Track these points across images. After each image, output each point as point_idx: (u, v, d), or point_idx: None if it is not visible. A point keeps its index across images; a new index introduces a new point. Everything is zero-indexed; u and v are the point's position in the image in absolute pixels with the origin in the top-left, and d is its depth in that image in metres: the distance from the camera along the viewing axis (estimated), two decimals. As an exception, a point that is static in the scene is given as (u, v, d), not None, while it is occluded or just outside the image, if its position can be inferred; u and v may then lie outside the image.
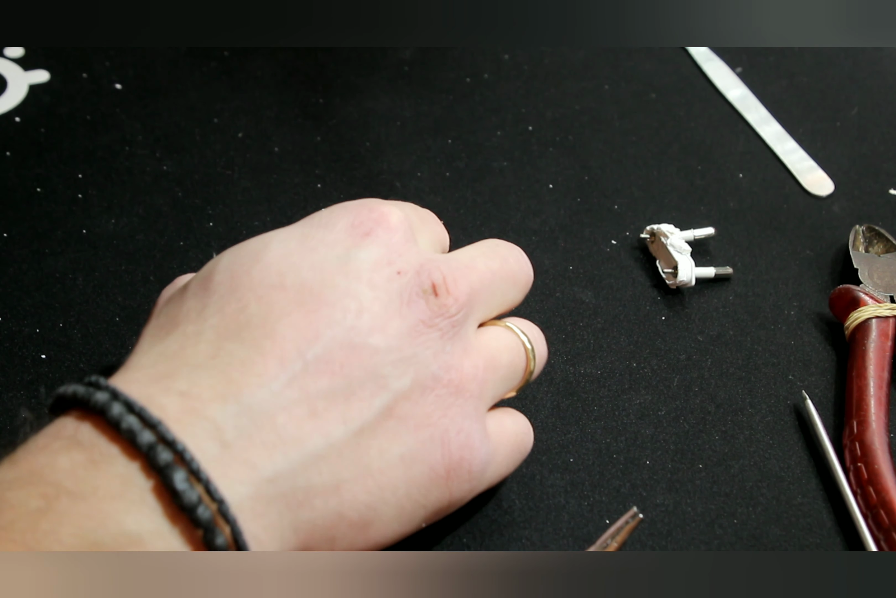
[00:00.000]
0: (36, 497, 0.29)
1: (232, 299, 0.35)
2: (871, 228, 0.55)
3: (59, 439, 0.31)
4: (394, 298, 0.35)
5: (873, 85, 0.66)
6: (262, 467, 0.32)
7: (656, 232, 0.53)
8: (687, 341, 0.50)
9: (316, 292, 0.35)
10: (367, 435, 0.34)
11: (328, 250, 0.36)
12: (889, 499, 0.42)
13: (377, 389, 0.34)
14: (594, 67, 0.64)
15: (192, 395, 0.32)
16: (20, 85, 0.57)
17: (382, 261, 0.36)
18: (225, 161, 0.55)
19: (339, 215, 0.37)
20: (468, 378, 0.36)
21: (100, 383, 0.32)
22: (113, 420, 0.31)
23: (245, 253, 0.36)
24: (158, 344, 0.35)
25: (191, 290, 0.36)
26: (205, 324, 0.34)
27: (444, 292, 0.36)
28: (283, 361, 0.33)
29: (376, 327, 0.35)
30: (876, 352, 0.48)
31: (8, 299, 0.48)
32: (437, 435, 0.35)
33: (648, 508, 0.43)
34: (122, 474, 0.30)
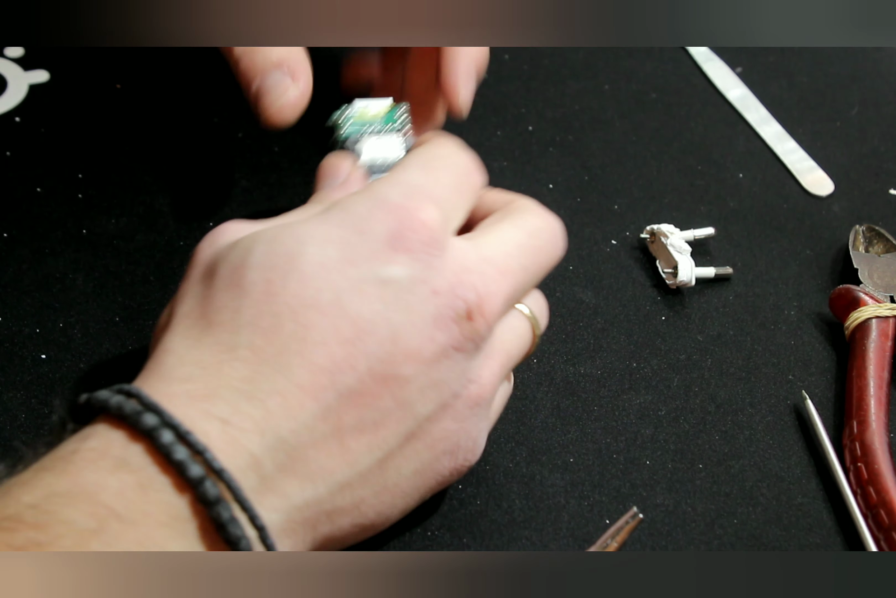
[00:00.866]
0: (87, 516, 0.30)
1: (267, 311, 0.34)
2: (871, 228, 0.55)
3: (108, 457, 0.31)
4: (427, 322, 0.35)
5: (873, 85, 0.66)
6: (294, 496, 0.33)
7: (656, 232, 0.53)
8: (687, 341, 0.50)
9: (353, 320, 0.34)
10: (389, 459, 0.35)
11: (367, 266, 0.35)
12: (889, 499, 0.42)
13: (404, 417, 0.35)
14: (594, 67, 0.64)
15: (233, 424, 0.32)
16: (20, 85, 0.57)
17: (419, 280, 0.35)
18: (225, 161, 0.55)
19: (377, 219, 0.36)
20: (486, 389, 0.37)
21: (142, 397, 0.32)
22: (164, 449, 0.31)
23: (280, 252, 0.35)
24: (194, 349, 0.34)
25: (222, 278, 0.35)
26: (239, 336, 0.34)
27: (478, 316, 0.36)
28: (318, 394, 0.33)
29: (409, 356, 0.35)
30: (876, 352, 0.48)
31: (8, 298, 0.48)
32: (449, 447, 0.37)
33: (648, 508, 0.43)
34: (169, 502, 0.31)
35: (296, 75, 0.44)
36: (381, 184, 0.38)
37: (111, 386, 0.34)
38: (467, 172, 0.40)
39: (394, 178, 0.38)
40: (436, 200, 0.37)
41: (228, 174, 0.55)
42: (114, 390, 0.33)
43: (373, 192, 0.37)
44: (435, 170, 0.39)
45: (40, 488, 0.30)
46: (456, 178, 0.39)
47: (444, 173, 0.39)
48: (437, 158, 0.40)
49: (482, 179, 0.41)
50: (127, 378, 0.46)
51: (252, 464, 0.32)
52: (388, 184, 0.37)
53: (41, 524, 0.29)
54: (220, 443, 0.32)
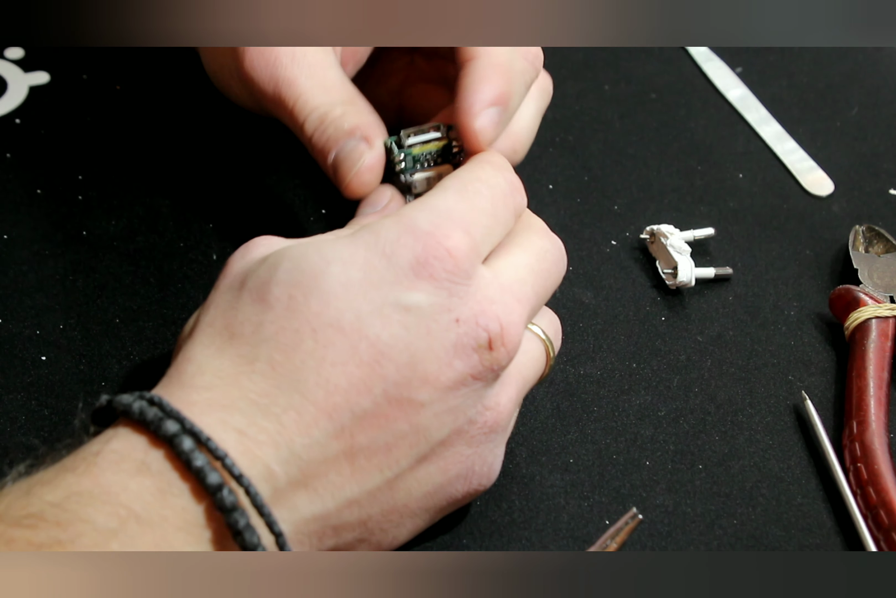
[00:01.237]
0: (107, 516, 0.30)
1: (288, 327, 0.34)
2: (871, 228, 0.55)
3: (129, 460, 0.32)
4: (448, 349, 0.35)
5: (873, 85, 0.66)
6: (303, 509, 0.34)
7: (656, 232, 0.53)
8: (687, 342, 0.50)
9: (373, 343, 0.34)
10: (399, 479, 0.36)
11: (389, 290, 0.35)
12: (889, 499, 0.42)
13: (417, 440, 0.35)
14: (594, 67, 0.64)
15: (249, 435, 0.33)
16: (20, 86, 0.58)
17: (442, 307, 0.35)
18: (225, 162, 0.55)
19: (404, 245, 0.36)
20: (503, 415, 0.38)
21: (163, 404, 0.33)
22: (184, 456, 0.32)
23: (305, 269, 0.35)
24: (214, 359, 0.35)
25: (249, 291, 0.36)
26: (259, 349, 0.34)
27: (500, 346, 0.36)
28: (333, 413, 0.34)
29: (426, 382, 0.35)
30: (876, 352, 0.48)
31: (8, 300, 0.48)
32: (463, 472, 0.38)
33: (648, 508, 0.43)
34: (186, 507, 0.32)
35: (370, 139, 0.43)
36: (413, 208, 0.37)
37: (133, 391, 0.34)
38: (506, 195, 0.39)
39: (426, 202, 0.38)
40: (466, 226, 0.37)
41: (229, 176, 0.55)
42: (136, 396, 0.34)
43: (402, 216, 0.37)
44: (471, 194, 0.38)
45: (62, 488, 0.31)
46: (493, 202, 0.39)
47: (480, 198, 0.38)
48: (475, 181, 0.39)
49: (523, 201, 0.40)
50: (127, 378, 0.46)
51: (266, 475, 0.33)
52: (418, 209, 0.37)
53: (62, 522, 0.30)
54: (236, 453, 0.33)
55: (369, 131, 0.43)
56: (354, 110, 0.43)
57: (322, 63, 0.44)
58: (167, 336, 0.47)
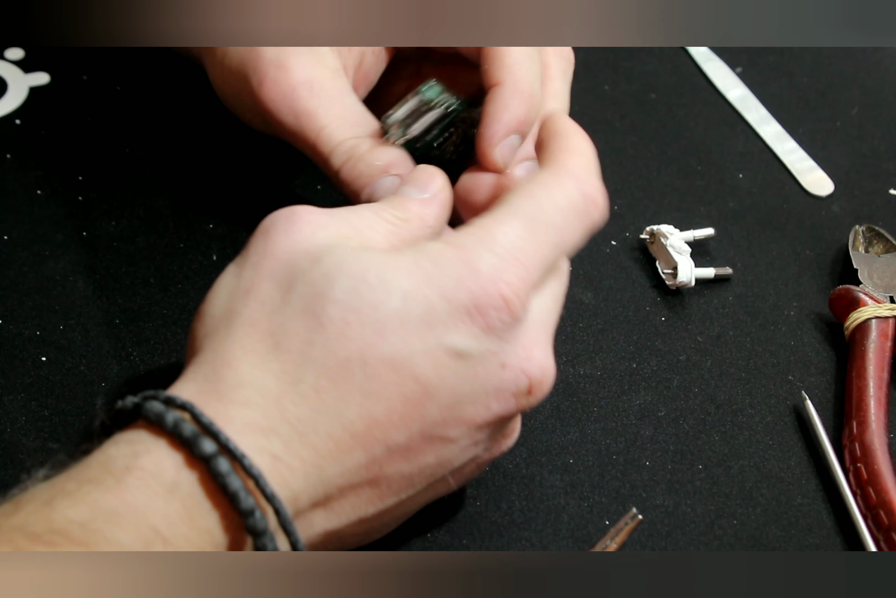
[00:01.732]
0: (133, 538, 0.30)
1: (340, 354, 0.34)
2: (871, 228, 0.55)
3: (159, 479, 0.31)
4: (489, 392, 0.36)
5: (873, 85, 0.66)
6: (317, 526, 0.35)
7: (656, 233, 0.53)
8: (687, 342, 0.50)
9: (421, 383, 0.34)
10: (410, 499, 0.37)
11: (444, 333, 0.34)
12: (889, 499, 0.42)
13: (439, 470, 0.36)
14: (594, 67, 0.64)
15: (283, 461, 0.33)
16: (21, 87, 0.58)
17: (490, 353, 0.35)
18: (225, 163, 0.55)
19: (464, 287, 0.35)
20: (513, 440, 0.39)
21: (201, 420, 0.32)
22: (219, 479, 0.31)
23: (365, 295, 0.34)
24: (256, 371, 0.34)
25: (300, 299, 0.35)
26: (306, 370, 0.34)
27: (538, 391, 0.37)
28: (368, 445, 0.34)
29: (462, 422, 0.35)
30: (876, 352, 0.48)
31: (8, 301, 0.48)
32: (461, 481, 0.39)
33: (648, 509, 0.43)
34: (212, 530, 0.32)
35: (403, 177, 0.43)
36: (476, 242, 0.36)
37: (154, 392, 0.33)
38: (580, 218, 0.38)
39: (491, 236, 0.36)
40: (528, 268, 0.36)
41: (229, 176, 0.55)
42: (163, 401, 0.33)
43: (467, 252, 0.36)
44: (543, 228, 0.37)
45: (86, 504, 0.30)
46: (562, 232, 0.37)
47: (551, 230, 0.37)
48: (549, 210, 0.37)
49: (600, 217, 0.39)
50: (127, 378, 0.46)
51: (291, 499, 0.33)
52: (482, 244, 0.36)
53: (87, 542, 0.29)
54: (268, 477, 0.32)
55: (401, 169, 0.43)
56: (381, 143, 0.43)
57: (341, 93, 0.45)
58: (167, 337, 0.47)
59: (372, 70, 0.48)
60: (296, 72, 0.44)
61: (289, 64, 0.44)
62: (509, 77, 0.43)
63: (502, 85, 0.43)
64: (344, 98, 0.45)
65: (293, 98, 0.44)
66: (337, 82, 0.45)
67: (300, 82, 0.44)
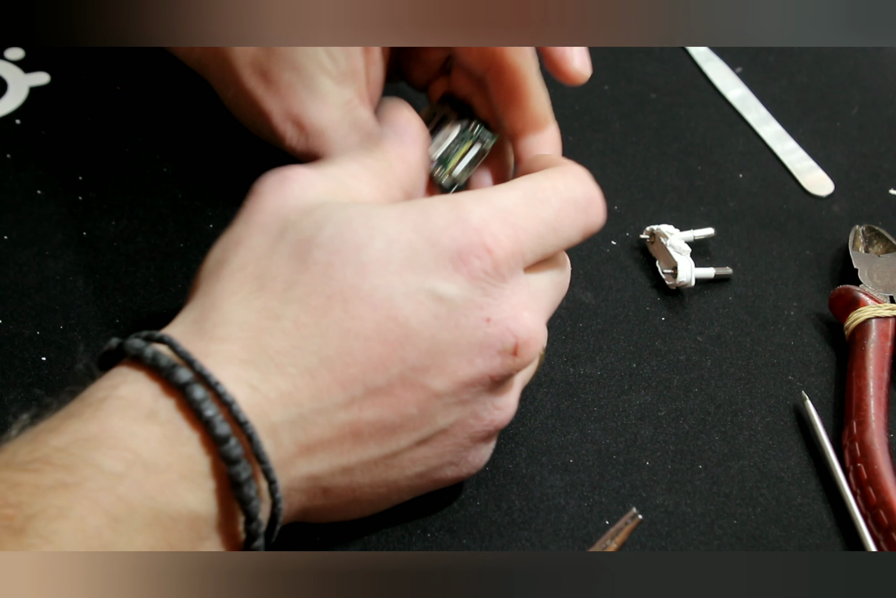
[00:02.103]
0: (113, 460, 0.31)
1: (321, 292, 0.35)
2: (871, 228, 0.55)
3: (137, 407, 0.32)
4: (472, 346, 0.35)
5: (873, 85, 0.66)
6: (300, 468, 0.35)
7: (656, 232, 0.53)
8: (687, 342, 0.50)
9: (401, 324, 0.35)
10: (395, 457, 0.36)
11: (426, 277, 0.35)
12: (889, 499, 0.42)
13: (421, 424, 0.36)
14: (594, 67, 0.64)
15: (261, 391, 0.33)
16: (21, 87, 0.58)
17: (475, 304, 0.35)
18: (225, 163, 0.55)
19: (450, 236, 0.35)
20: (509, 416, 0.39)
21: (178, 349, 0.33)
22: (194, 405, 0.32)
23: (348, 238, 0.35)
24: (239, 308, 0.35)
25: (287, 245, 0.36)
26: (287, 307, 0.34)
27: (524, 353, 0.36)
28: (347, 384, 0.34)
29: (444, 372, 0.35)
30: (876, 352, 0.48)
31: (8, 301, 0.48)
32: (456, 460, 0.38)
33: (648, 509, 0.43)
34: (192, 456, 0.32)
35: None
36: (471, 199, 0.37)
37: (140, 332, 0.34)
38: (578, 210, 0.39)
39: (487, 196, 0.37)
40: (517, 231, 0.36)
41: (229, 176, 0.55)
42: (144, 338, 0.34)
43: (458, 204, 0.36)
44: (538, 201, 0.38)
45: (68, 433, 0.31)
46: (559, 214, 0.38)
47: (546, 207, 0.38)
48: (548, 190, 0.38)
49: (597, 219, 0.40)
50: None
51: (269, 431, 0.33)
52: (476, 200, 0.37)
53: (68, 465, 0.30)
54: (245, 406, 0.33)
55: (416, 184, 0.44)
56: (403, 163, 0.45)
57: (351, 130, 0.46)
58: (167, 337, 0.47)
59: (379, 77, 0.49)
60: (308, 126, 0.46)
61: (301, 120, 0.46)
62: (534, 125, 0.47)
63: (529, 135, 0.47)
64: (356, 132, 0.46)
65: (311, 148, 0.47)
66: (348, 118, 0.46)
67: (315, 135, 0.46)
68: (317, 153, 0.46)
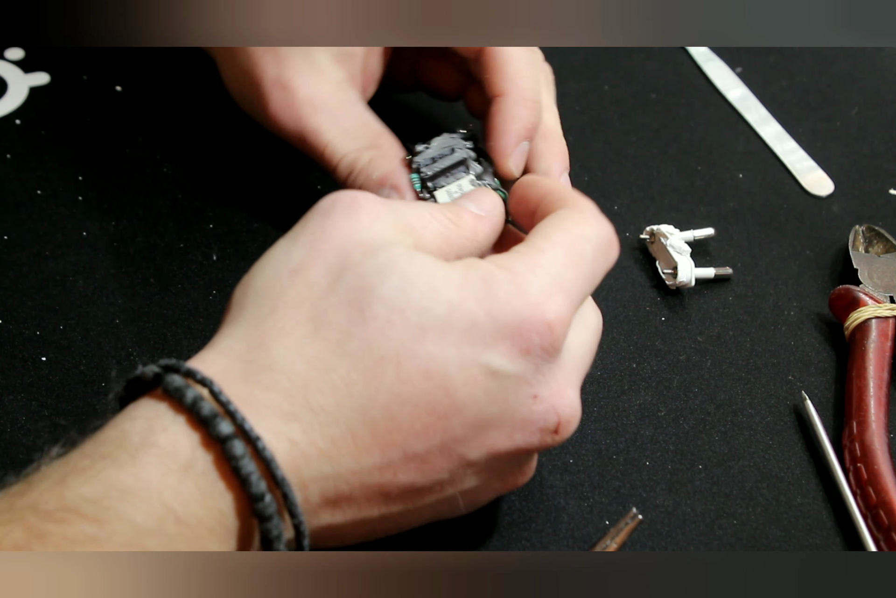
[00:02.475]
0: (146, 514, 0.30)
1: (376, 351, 0.34)
2: (871, 228, 0.55)
3: (174, 457, 0.31)
4: (516, 421, 0.35)
5: (873, 85, 0.66)
6: (322, 519, 0.35)
7: (656, 233, 0.53)
8: (687, 342, 0.50)
9: (450, 395, 0.34)
10: (416, 510, 0.36)
11: (483, 350, 0.34)
12: (889, 499, 0.42)
13: (450, 487, 0.36)
14: (594, 67, 0.64)
15: (300, 448, 0.33)
16: (21, 87, 0.58)
17: (524, 381, 0.35)
18: (225, 163, 0.55)
19: (511, 309, 0.35)
20: (528, 477, 0.39)
21: (221, 399, 0.32)
22: (233, 462, 0.32)
23: (412, 297, 0.34)
24: (290, 354, 0.34)
25: (347, 289, 0.35)
26: (339, 361, 0.34)
27: (564, 431, 0.36)
28: (386, 448, 0.34)
29: (483, 445, 0.35)
30: (876, 352, 0.48)
31: (8, 301, 0.48)
32: (470, 506, 0.38)
33: (648, 509, 0.43)
34: (224, 511, 0.32)
35: (398, 188, 0.45)
36: (526, 268, 0.36)
37: (175, 362, 0.33)
38: (606, 255, 0.39)
39: (539, 262, 0.36)
40: (571, 296, 0.36)
41: (229, 176, 0.55)
42: (185, 374, 0.33)
43: (517, 275, 0.36)
44: (578, 257, 0.37)
45: (99, 480, 0.30)
46: (594, 265, 0.38)
47: (585, 262, 0.37)
48: (582, 240, 0.38)
49: (616, 256, 0.39)
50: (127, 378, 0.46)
51: (300, 485, 0.33)
52: (532, 270, 0.36)
53: (99, 519, 0.29)
54: (282, 461, 0.33)
55: (396, 180, 0.45)
56: (380, 155, 0.46)
57: (343, 105, 0.47)
58: (167, 337, 0.47)
59: (377, 69, 0.50)
60: (298, 91, 0.47)
61: (291, 84, 0.46)
62: (513, 87, 0.46)
63: (507, 95, 0.46)
64: (347, 110, 0.47)
65: (298, 116, 0.47)
66: (339, 95, 0.47)
67: (303, 101, 0.46)
68: (300, 123, 0.46)
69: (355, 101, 0.47)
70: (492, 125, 0.46)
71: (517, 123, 0.45)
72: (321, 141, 0.46)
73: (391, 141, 0.47)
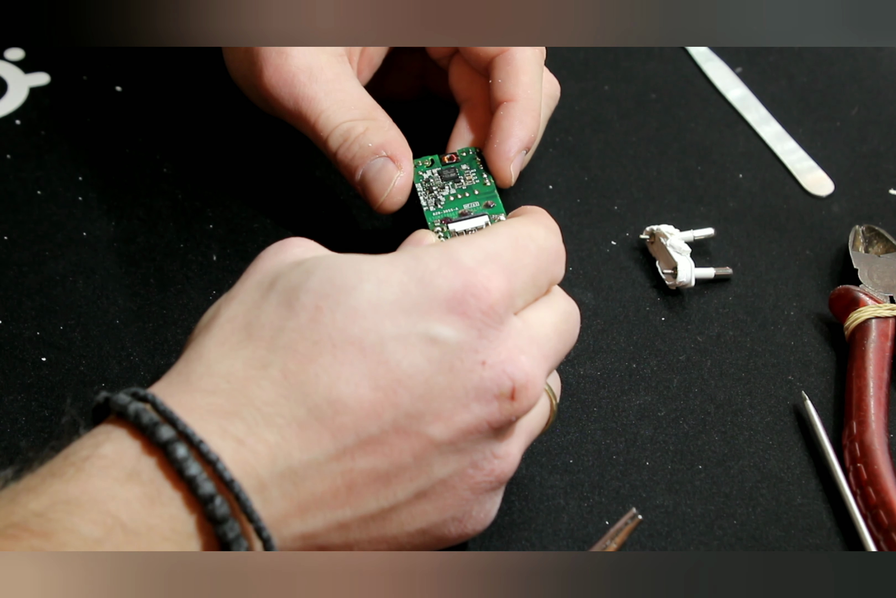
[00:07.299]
0: (92, 524, 0.30)
1: (308, 337, 0.34)
2: (871, 228, 0.55)
3: (119, 466, 0.31)
4: (468, 390, 0.34)
5: (873, 85, 0.66)
6: (293, 527, 0.34)
7: (656, 233, 0.53)
8: (687, 342, 0.50)
9: (392, 368, 0.34)
10: (394, 511, 0.35)
11: (419, 319, 0.34)
12: (889, 499, 0.42)
13: (418, 474, 0.35)
14: (594, 67, 0.64)
15: (247, 445, 0.32)
16: (21, 87, 0.58)
17: (470, 347, 0.34)
18: (224, 163, 0.55)
19: (444, 276, 0.35)
20: (510, 466, 0.37)
21: (159, 407, 0.32)
22: (177, 464, 0.31)
23: (337, 281, 0.34)
24: (226, 359, 0.34)
25: (276, 294, 0.35)
26: (274, 355, 0.34)
27: (522, 398, 0.35)
28: (337, 433, 0.33)
29: (439, 418, 0.34)
30: (875, 352, 0.48)
31: (8, 301, 0.48)
32: (459, 515, 0.37)
33: (648, 509, 0.43)
34: (175, 516, 0.31)
35: (397, 159, 0.45)
36: (459, 243, 0.36)
37: (129, 389, 0.34)
38: (550, 261, 0.38)
39: (474, 241, 0.37)
40: (509, 274, 0.36)
41: (229, 176, 0.55)
42: (131, 395, 0.33)
43: (448, 248, 0.36)
44: (522, 249, 0.37)
45: (47, 495, 0.30)
46: (537, 263, 0.37)
47: (527, 254, 0.37)
48: (527, 237, 0.38)
49: (562, 271, 0.39)
50: (127, 379, 0.46)
51: (258, 488, 0.33)
52: (465, 244, 0.36)
53: (46, 532, 0.29)
54: (231, 462, 0.32)
55: (394, 149, 0.46)
56: (376, 126, 0.46)
57: (339, 77, 0.47)
58: (167, 337, 0.47)
59: (376, 53, 0.50)
60: (296, 58, 0.46)
61: (290, 50, 0.46)
62: (524, 95, 0.47)
63: (518, 102, 0.47)
64: (343, 82, 0.47)
65: (293, 84, 0.46)
66: (336, 67, 0.47)
67: (300, 68, 0.46)
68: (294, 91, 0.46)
69: (351, 75, 0.47)
70: (497, 128, 0.47)
71: (523, 130, 0.46)
72: (315, 109, 0.46)
73: (386, 115, 0.47)
